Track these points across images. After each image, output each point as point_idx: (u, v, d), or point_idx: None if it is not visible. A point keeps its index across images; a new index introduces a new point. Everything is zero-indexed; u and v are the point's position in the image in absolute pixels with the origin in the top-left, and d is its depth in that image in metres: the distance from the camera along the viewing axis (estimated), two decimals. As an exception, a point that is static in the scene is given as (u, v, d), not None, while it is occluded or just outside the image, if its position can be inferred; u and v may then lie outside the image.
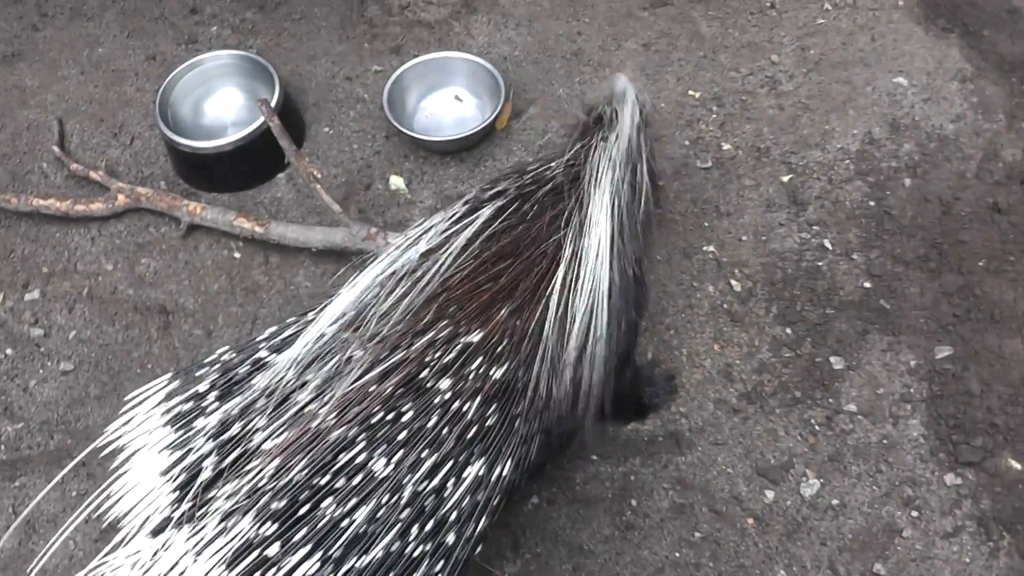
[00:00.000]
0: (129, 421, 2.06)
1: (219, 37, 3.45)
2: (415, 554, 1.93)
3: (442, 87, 3.24)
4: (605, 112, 2.22)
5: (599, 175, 2.13)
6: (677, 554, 2.41)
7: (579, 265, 2.06)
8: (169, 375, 2.11)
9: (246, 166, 3.04)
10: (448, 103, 3.23)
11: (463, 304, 2.03)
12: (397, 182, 3.03)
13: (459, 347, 1.99)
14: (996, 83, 3.17)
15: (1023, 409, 2.55)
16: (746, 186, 2.96)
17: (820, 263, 2.78)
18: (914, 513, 2.43)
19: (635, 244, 2.20)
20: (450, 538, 1.97)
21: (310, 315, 2.09)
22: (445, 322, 2.01)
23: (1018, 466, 2.48)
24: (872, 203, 2.91)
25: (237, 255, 2.93)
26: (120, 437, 2.05)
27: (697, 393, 2.60)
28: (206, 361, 2.10)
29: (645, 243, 2.26)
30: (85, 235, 3.01)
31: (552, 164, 2.19)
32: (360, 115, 3.21)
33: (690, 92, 3.19)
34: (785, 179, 2.95)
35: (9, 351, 2.80)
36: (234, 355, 2.10)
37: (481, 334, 2.00)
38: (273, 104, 2.99)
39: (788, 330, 2.69)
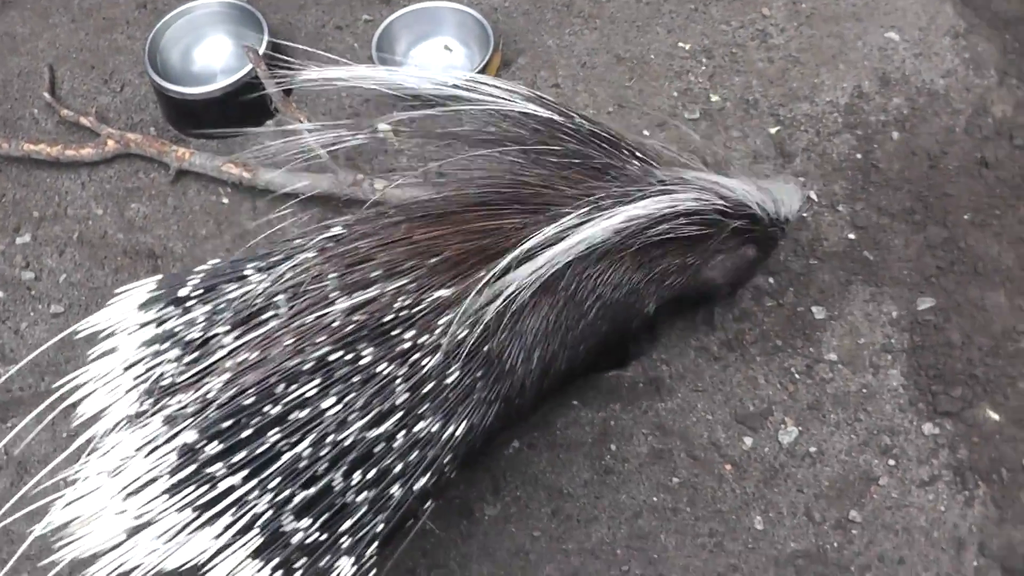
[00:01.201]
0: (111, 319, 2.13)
1: (210, -15, 3.44)
2: (357, 499, 1.95)
3: (431, 36, 3.24)
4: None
5: (662, 196, 2.17)
6: (655, 499, 2.42)
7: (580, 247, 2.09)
8: (158, 277, 2.17)
9: (234, 113, 3.03)
10: (437, 53, 3.23)
11: (443, 254, 2.04)
12: (385, 130, 3.02)
13: (429, 300, 2.00)
14: (988, 39, 3.16)
15: (1003, 361, 2.56)
16: (733, 137, 2.96)
17: (805, 214, 2.78)
18: (891, 462, 2.44)
19: (639, 277, 2.27)
20: (395, 489, 1.98)
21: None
22: (422, 270, 2.03)
23: (996, 417, 2.49)
24: (859, 156, 2.91)
25: (225, 201, 2.94)
26: (97, 330, 2.13)
27: (678, 340, 2.61)
28: (195, 270, 2.14)
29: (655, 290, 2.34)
30: (75, 180, 3.02)
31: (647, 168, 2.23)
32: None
33: (680, 44, 3.19)
34: (773, 131, 2.95)
35: (0, 294, 2.82)
36: (223, 266, 2.14)
37: (454, 291, 2.01)
38: (261, 52, 2.98)
39: (771, 279, 2.69)
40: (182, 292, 2.09)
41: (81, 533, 1.94)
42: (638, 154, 2.25)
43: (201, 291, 2.09)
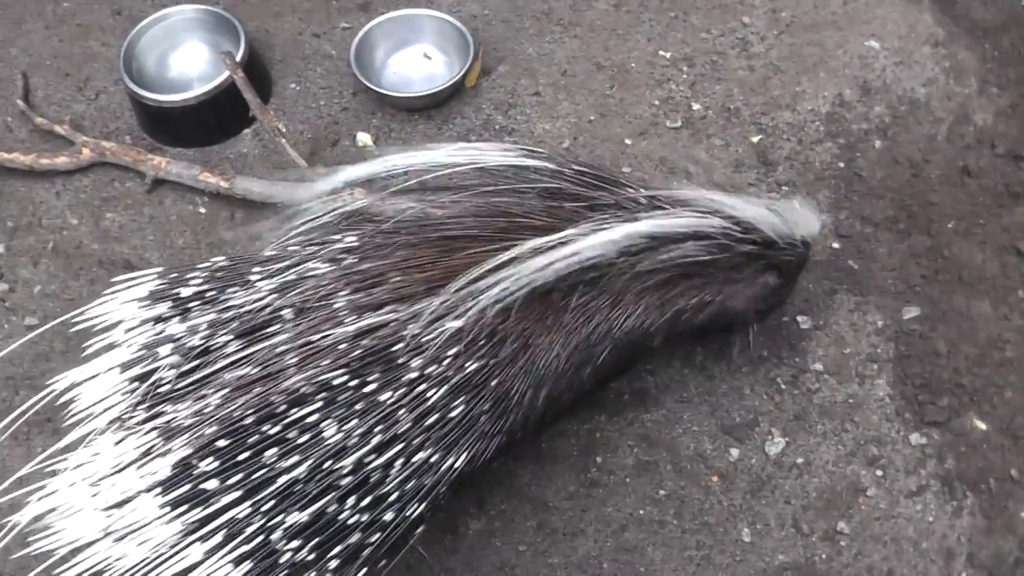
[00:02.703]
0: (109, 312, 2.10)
1: (186, -9, 3.41)
2: (349, 522, 1.92)
3: (410, 44, 3.21)
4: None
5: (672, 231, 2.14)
6: (641, 511, 2.40)
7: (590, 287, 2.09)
8: (159, 269, 2.12)
9: (211, 121, 3.00)
10: (417, 60, 3.19)
11: (455, 282, 2.01)
12: (364, 139, 3.00)
13: (440, 329, 1.97)
14: (968, 48, 3.16)
15: (989, 370, 2.56)
16: (716, 146, 2.95)
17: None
18: (879, 472, 2.43)
19: (653, 317, 2.23)
20: (388, 515, 1.96)
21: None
22: (434, 298, 1.99)
23: (983, 426, 2.48)
24: (841, 164, 2.90)
25: (202, 210, 2.90)
26: (96, 321, 2.10)
27: (664, 351, 2.58)
28: (199, 266, 2.10)
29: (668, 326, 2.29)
30: (50, 189, 2.98)
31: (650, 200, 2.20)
32: (327, 71, 3.18)
33: (660, 52, 3.17)
34: (755, 140, 2.94)
35: (-27, 305, 2.78)
36: (226, 264, 2.10)
37: (464, 322, 1.98)
38: (239, 59, 2.95)
39: (756, 289, 2.68)
40: (184, 292, 2.05)
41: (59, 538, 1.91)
42: (642, 190, 2.21)
43: (205, 292, 2.04)
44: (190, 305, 2.03)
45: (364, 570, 1.97)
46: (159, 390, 1.94)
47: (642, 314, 2.21)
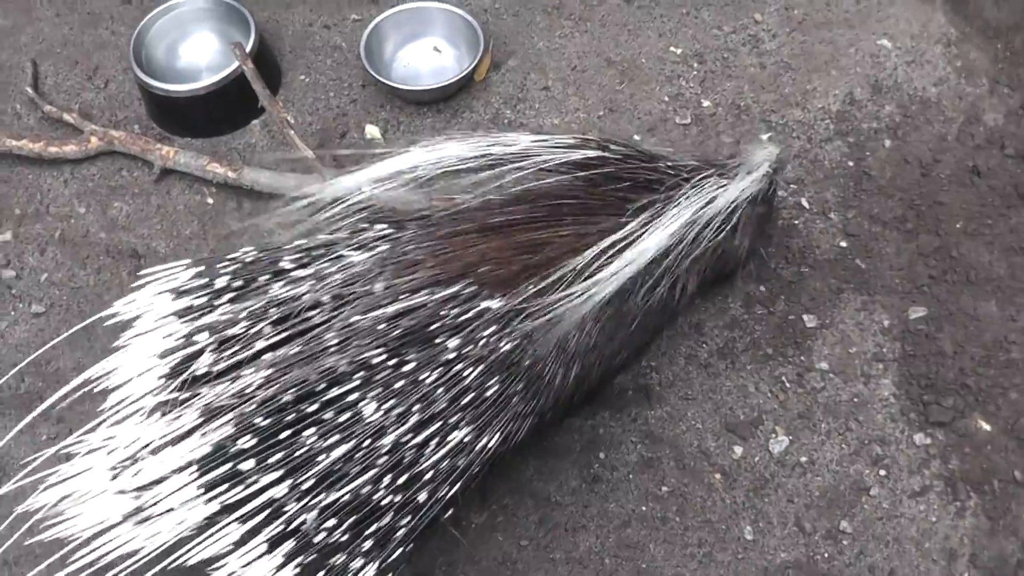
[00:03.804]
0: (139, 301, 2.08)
1: (197, -19, 3.41)
2: (383, 503, 1.93)
3: (420, 37, 3.21)
4: (739, 166, 2.36)
5: (692, 200, 2.21)
6: (643, 507, 2.40)
7: (620, 261, 2.08)
8: (188, 261, 2.12)
9: (220, 111, 3.01)
10: (426, 54, 3.19)
11: (494, 265, 2.03)
12: (373, 131, 3.00)
13: (477, 310, 1.98)
14: (980, 48, 3.15)
15: (995, 371, 2.55)
16: (725, 143, 2.94)
17: (796, 221, 2.76)
18: (882, 472, 2.43)
19: (686, 279, 2.32)
20: (422, 496, 1.97)
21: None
22: (470, 280, 2.01)
23: (988, 427, 2.47)
24: (851, 163, 2.89)
25: (210, 200, 2.90)
26: (127, 312, 2.07)
27: (668, 348, 2.59)
28: (227, 257, 2.10)
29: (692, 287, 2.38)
30: (58, 177, 2.99)
31: (668, 162, 2.28)
32: (337, 63, 3.18)
33: (671, 48, 3.17)
34: (764, 137, 2.93)
35: (-20, 292, 2.79)
36: (258, 256, 2.10)
37: (502, 303, 1.99)
38: (248, 50, 2.95)
39: (762, 287, 2.67)
40: (219, 283, 2.05)
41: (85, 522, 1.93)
42: (676, 167, 2.29)
43: (239, 284, 2.05)
44: (224, 296, 2.03)
45: (399, 551, 1.99)
46: (196, 374, 1.94)
47: (680, 280, 2.30)
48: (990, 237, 2.75)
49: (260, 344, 1.93)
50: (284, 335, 1.93)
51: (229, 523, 1.86)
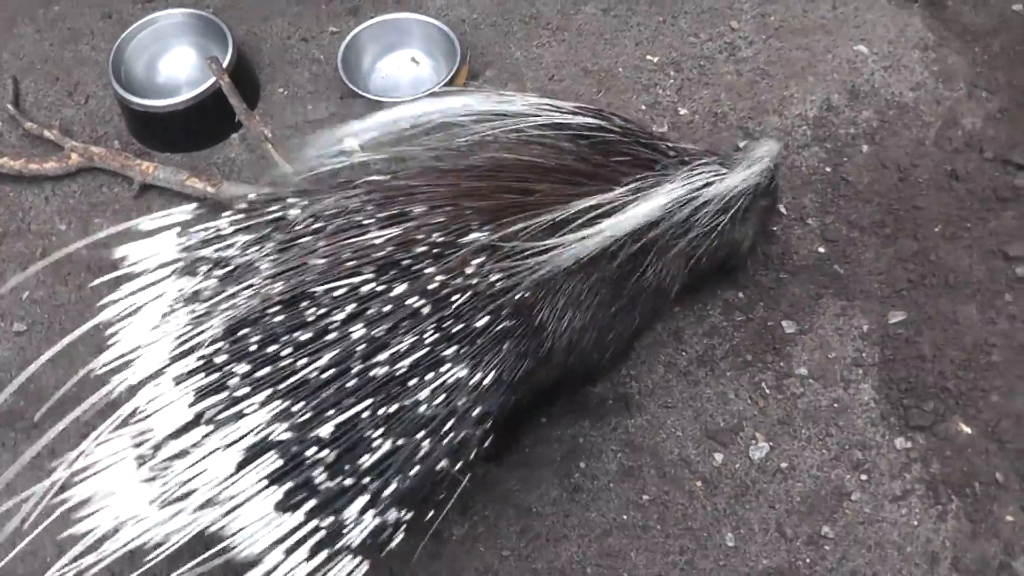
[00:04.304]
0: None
1: (176, -4, 3.42)
2: (386, 445, 1.92)
3: (398, 48, 3.21)
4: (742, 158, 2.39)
5: (688, 181, 2.24)
6: (625, 516, 2.40)
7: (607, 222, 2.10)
8: (192, 206, 2.18)
9: (199, 125, 3.01)
10: (404, 65, 3.20)
11: (480, 199, 2.06)
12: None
13: (464, 240, 2.00)
14: (958, 52, 3.16)
15: (975, 374, 2.55)
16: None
17: (774, 228, 2.77)
18: (863, 476, 2.43)
19: (681, 263, 2.34)
20: (425, 443, 1.95)
21: None
22: (459, 211, 2.03)
23: (968, 430, 2.48)
24: (828, 169, 2.90)
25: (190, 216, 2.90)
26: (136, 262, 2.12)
27: (647, 356, 2.60)
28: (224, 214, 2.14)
29: (683, 272, 2.38)
30: (39, 194, 2.99)
31: (669, 143, 2.31)
32: (315, 76, 3.19)
33: (648, 57, 3.17)
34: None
35: (-38, 312, 2.78)
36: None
37: (489, 234, 2.01)
38: (226, 64, 2.96)
39: (740, 294, 2.68)
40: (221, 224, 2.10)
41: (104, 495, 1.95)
42: (677, 149, 2.33)
43: (243, 216, 2.10)
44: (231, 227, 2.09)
45: (402, 504, 1.98)
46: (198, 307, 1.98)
47: (676, 262, 2.32)
48: (969, 241, 2.75)
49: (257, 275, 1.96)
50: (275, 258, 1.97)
51: (224, 447, 1.87)
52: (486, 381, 2.03)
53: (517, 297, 2.05)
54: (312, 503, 1.89)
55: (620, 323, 2.30)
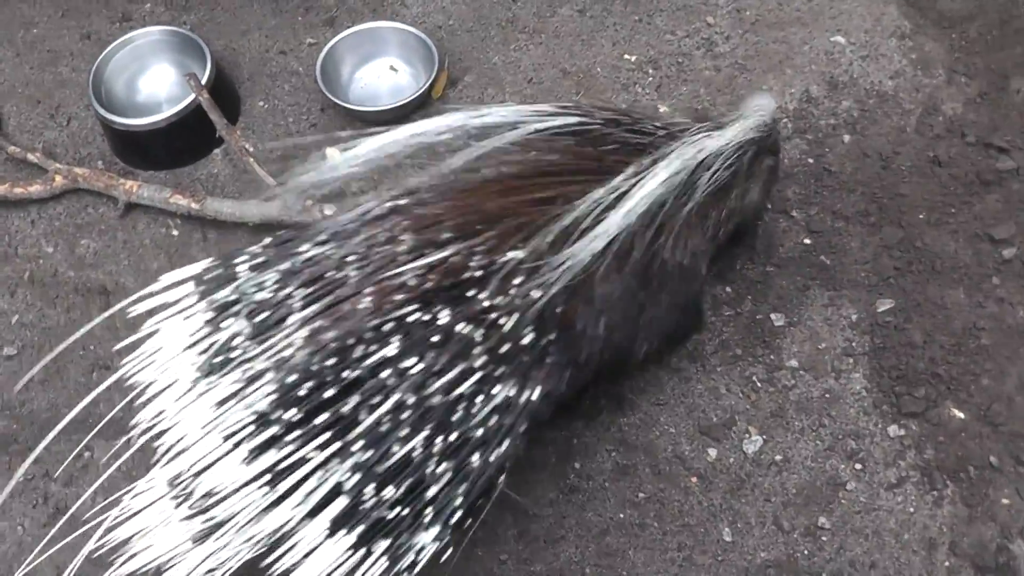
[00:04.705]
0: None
1: (153, 14, 3.41)
2: (439, 470, 1.93)
3: (376, 58, 3.22)
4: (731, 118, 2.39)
5: (683, 153, 2.23)
6: (621, 515, 2.41)
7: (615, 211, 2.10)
8: (209, 259, 2.12)
9: (181, 142, 3.02)
10: (383, 73, 3.20)
11: (511, 215, 2.05)
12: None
13: (502, 260, 1.99)
14: (935, 39, 3.16)
15: (965, 358, 2.56)
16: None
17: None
18: (858, 466, 2.44)
19: (698, 237, 2.34)
20: (474, 459, 1.96)
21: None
22: (493, 232, 2.02)
23: (961, 415, 2.49)
24: (811, 160, 2.90)
25: (175, 232, 2.90)
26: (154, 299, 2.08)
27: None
28: (246, 250, 2.10)
29: (711, 244, 2.41)
30: (25, 218, 2.98)
31: (656, 122, 2.31)
32: (295, 88, 3.19)
33: (626, 56, 3.18)
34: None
35: (-49, 338, 2.78)
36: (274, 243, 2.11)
37: (525, 251, 2.00)
38: (205, 80, 2.96)
39: (728, 288, 2.68)
40: (239, 260, 2.06)
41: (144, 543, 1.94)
42: (664, 125, 2.32)
43: (262, 258, 2.06)
44: (252, 266, 2.05)
45: (455, 518, 2.00)
46: (231, 352, 1.94)
47: (690, 235, 2.30)
48: (954, 225, 2.76)
49: (292, 316, 1.93)
50: (311, 299, 1.93)
51: (280, 497, 1.86)
52: (534, 397, 2.05)
53: (558, 310, 2.06)
54: (383, 543, 1.92)
55: (650, 312, 2.30)
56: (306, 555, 1.87)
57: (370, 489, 1.88)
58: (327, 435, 1.85)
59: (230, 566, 1.88)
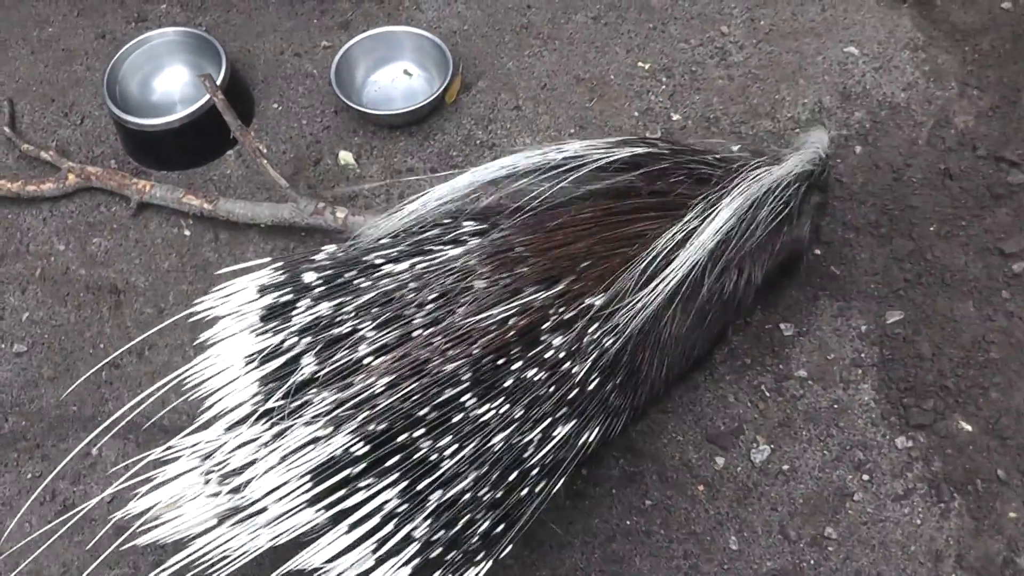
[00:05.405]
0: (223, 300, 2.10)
1: (168, 14, 3.43)
2: (493, 500, 1.95)
3: (391, 62, 3.22)
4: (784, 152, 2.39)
5: (746, 188, 2.22)
6: (628, 522, 2.41)
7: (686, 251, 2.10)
8: (272, 259, 2.13)
9: (194, 143, 3.03)
10: (397, 77, 3.21)
11: (595, 260, 2.07)
12: (346, 157, 3.01)
13: (582, 307, 2.01)
14: (948, 51, 3.16)
15: (974, 371, 2.56)
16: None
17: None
18: (865, 476, 2.43)
19: (756, 271, 2.38)
20: (524, 491, 1.99)
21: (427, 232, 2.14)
22: (574, 277, 2.04)
23: (969, 427, 2.48)
24: (823, 170, 2.90)
25: (187, 233, 2.91)
26: (212, 311, 2.09)
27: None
28: (313, 257, 2.11)
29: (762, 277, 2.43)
30: (37, 216, 2.99)
31: (714, 155, 2.31)
32: (309, 90, 3.20)
33: (639, 63, 3.18)
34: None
35: (-38, 334, 2.79)
36: (343, 254, 2.11)
37: (604, 299, 2.02)
38: (219, 81, 2.96)
39: (738, 297, 2.68)
40: (307, 278, 2.05)
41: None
42: (723, 158, 2.33)
43: (327, 279, 2.05)
44: (314, 293, 2.04)
45: (501, 547, 2.04)
46: (299, 379, 1.94)
47: (752, 269, 2.35)
48: (964, 238, 2.76)
49: (364, 348, 1.93)
50: (387, 339, 1.94)
51: (344, 531, 1.88)
52: (592, 438, 2.08)
53: (625, 359, 2.08)
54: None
55: (701, 348, 2.38)
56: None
57: (426, 522, 1.90)
58: (395, 475, 1.87)
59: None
